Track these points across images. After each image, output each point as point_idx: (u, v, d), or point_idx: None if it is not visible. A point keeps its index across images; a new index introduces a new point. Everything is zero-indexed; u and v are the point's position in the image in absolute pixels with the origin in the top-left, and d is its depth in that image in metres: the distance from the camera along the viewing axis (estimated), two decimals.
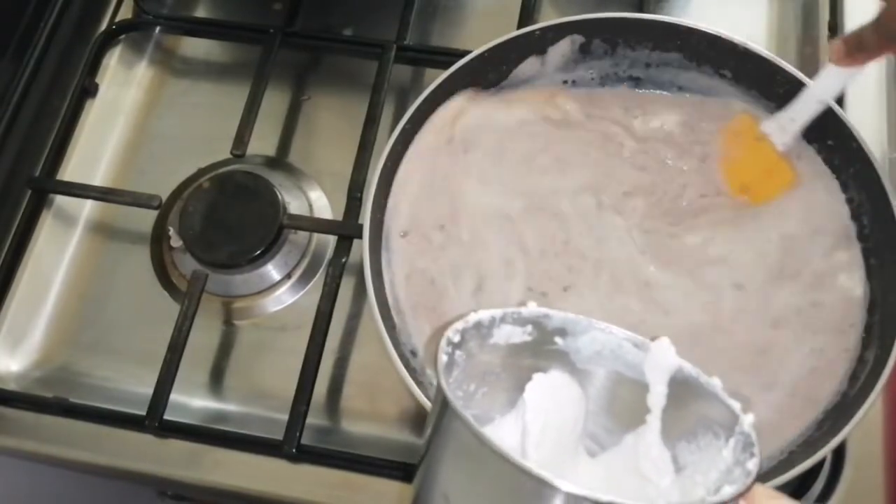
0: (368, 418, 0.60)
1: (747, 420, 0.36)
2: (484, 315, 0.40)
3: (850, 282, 0.54)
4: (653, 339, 0.40)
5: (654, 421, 0.40)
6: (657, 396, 0.40)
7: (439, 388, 0.35)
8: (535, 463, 0.32)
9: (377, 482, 0.56)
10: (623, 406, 0.41)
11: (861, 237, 0.55)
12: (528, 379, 0.41)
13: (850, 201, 0.56)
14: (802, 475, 0.48)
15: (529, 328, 0.41)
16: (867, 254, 0.54)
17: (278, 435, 0.56)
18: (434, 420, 0.35)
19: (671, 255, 0.56)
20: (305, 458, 0.56)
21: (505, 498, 0.33)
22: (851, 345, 0.53)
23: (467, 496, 0.34)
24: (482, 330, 0.40)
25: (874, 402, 0.47)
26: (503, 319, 0.40)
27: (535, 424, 0.40)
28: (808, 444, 0.49)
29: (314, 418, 0.59)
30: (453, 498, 0.34)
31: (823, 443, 0.47)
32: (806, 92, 0.54)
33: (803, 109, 0.55)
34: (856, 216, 0.55)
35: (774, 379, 0.52)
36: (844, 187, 0.56)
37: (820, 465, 0.53)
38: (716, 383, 0.38)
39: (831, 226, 0.56)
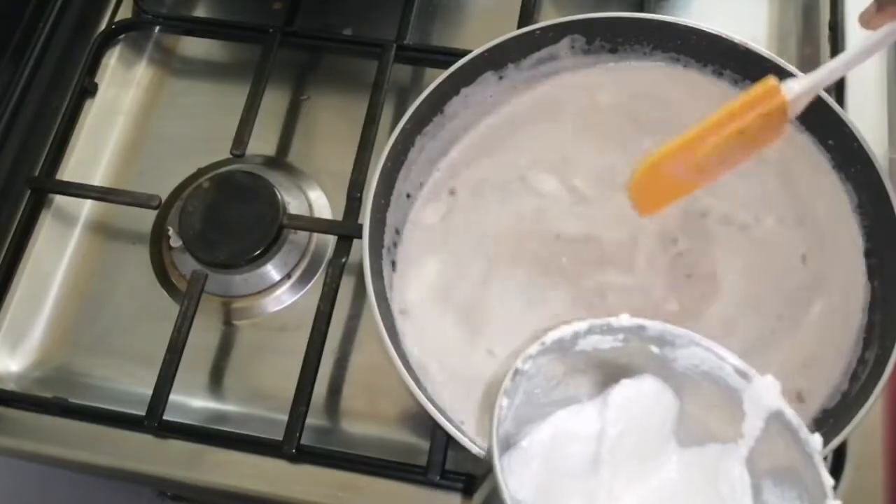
0: (368, 418, 0.60)
1: None
2: (566, 331, 0.39)
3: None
4: (759, 372, 0.39)
5: (743, 446, 0.39)
6: (752, 428, 0.39)
7: (492, 467, 0.34)
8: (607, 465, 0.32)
9: (377, 482, 0.56)
10: (717, 418, 0.40)
11: (861, 237, 0.55)
12: (622, 375, 0.40)
13: (849, 202, 0.56)
14: None
15: (621, 336, 0.40)
16: (867, 254, 0.54)
17: (278, 435, 0.56)
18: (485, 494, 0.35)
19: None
20: (305, 459, 0.56)
21: None
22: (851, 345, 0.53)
23: None
24: (564, 343, 0.39)
25: (874, 402, 0.47)
26: (589, 331, 0.39)
27: (614, 428, 0.39)
28: None
29: (314, 419, 0.59)
30: None
31: (823, 443, 0.47)
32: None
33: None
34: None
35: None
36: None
37: None
38: (815, 443, 0.36)
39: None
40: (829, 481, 0.36)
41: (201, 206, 0.64)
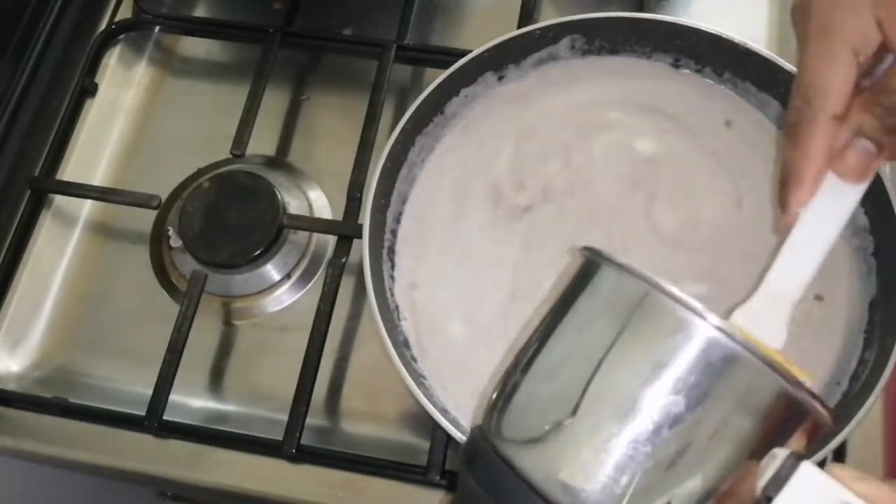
0: (368, 418, 0.60)
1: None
2: None
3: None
4: None
5: None
6: None
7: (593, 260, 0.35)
8: None
9: (377, 482, 0.56)
10: None
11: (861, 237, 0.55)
12: None
13: None
14: None
15: None
16: (868, 254, 0.54)
17: (278, 435, 0.56)
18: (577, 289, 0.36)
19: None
20: (305, 459, 0.56)
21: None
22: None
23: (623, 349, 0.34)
24: None
25: (874, 402, 0.47)
26: None
27: None
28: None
29: (314, 418, 0.59)
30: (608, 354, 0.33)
31: (824, 443, 0.47)
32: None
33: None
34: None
35: None
36: None
37: (820, 465, 0.53)
38: None
39: None
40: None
41: (201, 206, 0.64)
